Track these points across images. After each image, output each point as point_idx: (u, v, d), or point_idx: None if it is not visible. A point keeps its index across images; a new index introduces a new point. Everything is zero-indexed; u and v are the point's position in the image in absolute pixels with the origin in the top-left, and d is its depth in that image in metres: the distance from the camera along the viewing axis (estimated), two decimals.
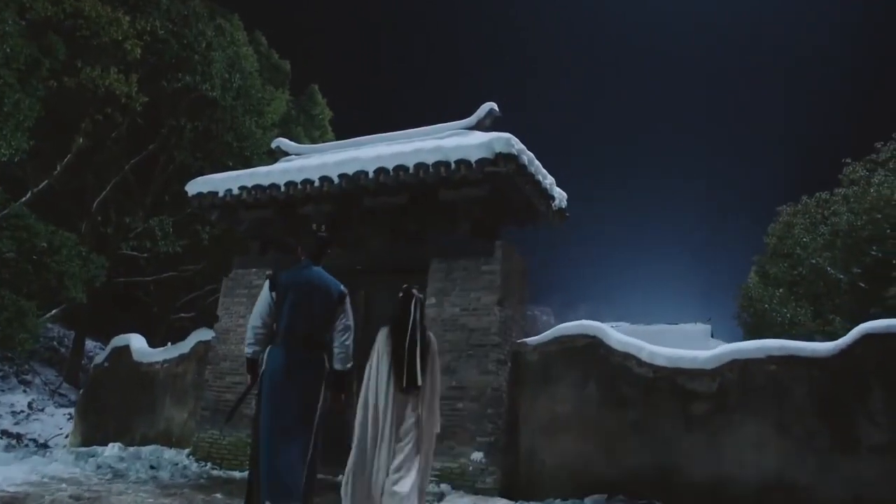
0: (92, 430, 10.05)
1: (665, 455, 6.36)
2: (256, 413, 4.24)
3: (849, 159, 15.94)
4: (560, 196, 8.17)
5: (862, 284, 14.63)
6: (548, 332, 7.25)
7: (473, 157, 6.90)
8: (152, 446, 8.47)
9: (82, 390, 11.24)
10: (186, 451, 8.27)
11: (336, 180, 7.61)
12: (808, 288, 15.69)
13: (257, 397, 4.24)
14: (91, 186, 14.61)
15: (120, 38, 11.69)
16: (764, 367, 6.19)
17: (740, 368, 6.28)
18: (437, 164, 7.08)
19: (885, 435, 5.65)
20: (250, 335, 4.26)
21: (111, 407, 9.93)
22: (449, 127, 8.55)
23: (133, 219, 14.55)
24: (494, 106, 8.44)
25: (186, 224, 14.65)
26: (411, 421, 4.44)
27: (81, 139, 13.06)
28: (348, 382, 4.45)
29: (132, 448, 8.13)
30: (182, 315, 18.46)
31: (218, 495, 5.78)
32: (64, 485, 5.78)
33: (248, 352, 4.28)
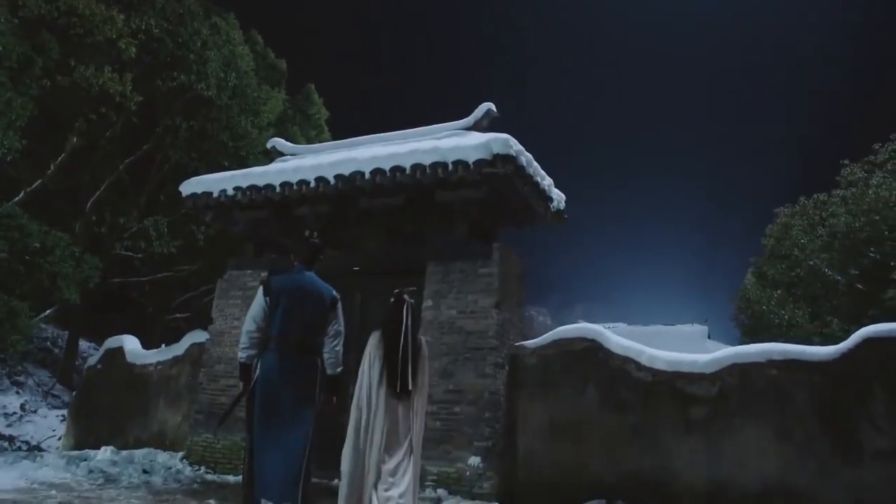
0: (85, 432, 9.95)
1: (664, 460, 6.29)
2: (249, 417, 4.23)
3: (846, 160, 15.92)
4: (558, 197, 8.10)
5: (860, 286, 14.60)
6: (546, 336, 7.16)
7: (471, 158, 6.82)
8: (145, 449, 8.37)
9: (75, 392, 11.14)
10: (180, 454, 8.17)
11: (332, 181, 7.52)
12: (805, 289, 15.65)
13: (250, 402, 4.23)
14: (85, 186, 14.48)
15: (114, 36, 11.60)
16: (764, 372, 6.11)
17: (740, 372, 6.20)
18: (434, 165, 7.00)
19: (887, 440, 5.58)
20: (245, 340, 4.28)
21: (104, 409, 9.82)
22: (446, 127, 8.46)
23: (127, 219, 14.43)
24: (492, 106, 8.36)
25: (181, 224, 14.54)
26: (405, 425, 4.48)
27: (75, 138, 12.95)
28: (340, 384, 4.52)
29: (125, 451, 8.03)
30: (177, 316, 18.37)
31: (211, 501, 5.68)
32: (54, 491, 5.67)
33: (241, 356, 4.28)
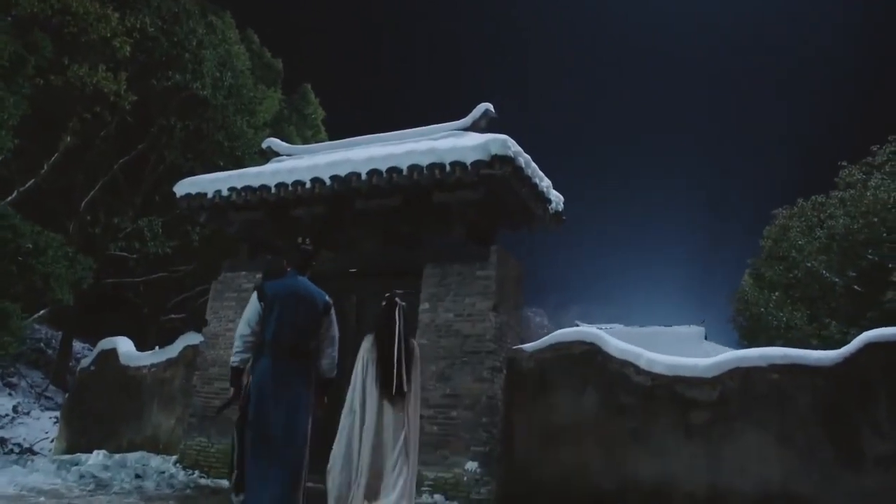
0: (77, 435, 9.83)
1: (664, 465, 6.22)
2: (241, 422, 4.19)
3: (845, 162, 15.89)
4: (557, 199, 8.01)
5: (857, 288, 14.57)
6: (544, 339, 7.08)
7: (469, 158, 6.73)
8: (139, 453, 8.26)
9: (68, 394, 11.03)
10: (174, 458, 8.06)
11: (327, 182, 7.42)
12: (803, 291, 15.62)
13: (244, 408, 4.18)
14: (79, 186, 14.37)
15: (108, 35, 11.48)
16: (766, 376, 6.04)
17: (741, 377, 6.13)
18: (432, 166, 6.90)
19: (890, 446, 5.51)
20: (239, 344, 4.25)
21: (97, 412, 9.71)
22: (443, 128, 8.37)
23: (122, 219, 14.32)
24: (490, 106, 8.27)
25: (177, 224, 14.44)
26: (400, 428, 4.53)
27: (69, 138, 12.84)
28: (333, 386, 4.54)
29: (118, 455, 7.91)
30: (172, 316, 18.27)
31: None
32: (43, 498, 5.55)
33: (234, 360, 4.25)
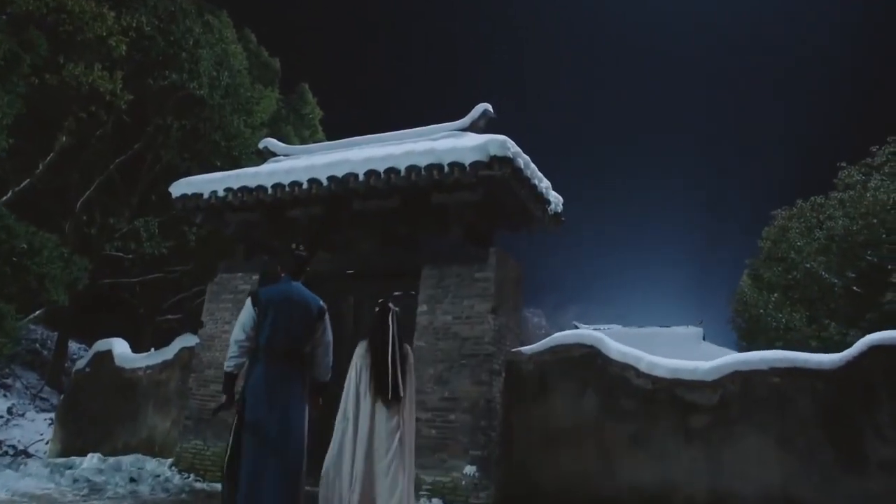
0: (72, 437, 9.76)
1: (664, 469, 6.16)
2: (238, 427, 4.17)
3: (844, 163, 15.84)
4: (556, 200, 7.95)
5: (856, 289, 14.52)
6: (544, 342, 7.02)
7: (467, 159, 6.66)
8: (134, 456, 8.19)
9: (63, 396, 10.94)
10: (169, 461, 7.99)
11: (325, 183, 7.35)
12: (802, 293, 15.57)
13: (240, 413, 4.17)
14: (75, 186, 14.27)
15: (104, 34, 11.39)
16: (767, 379, 5.99)
17: (742, 380, 6.08)
18: (430, 167, 6.84)
19: (892, 450, 5.46)
20: (234, 349, 4.25)
21: (92, 414, 9.64)
22: (442, 128, 8.30)
23: (118, 219, 14.22)
24: (489, 107, 8.20)
25: (173, 225, 14.34)
26: (394, 434, 4.53)
27: (64, 137, 12.74)
28: (327, 388, 4.56)
29: (112, 459, 7.83)
30: (169, 317, 18.17)
31: None
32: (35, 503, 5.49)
33: (229, 365, 4.27)
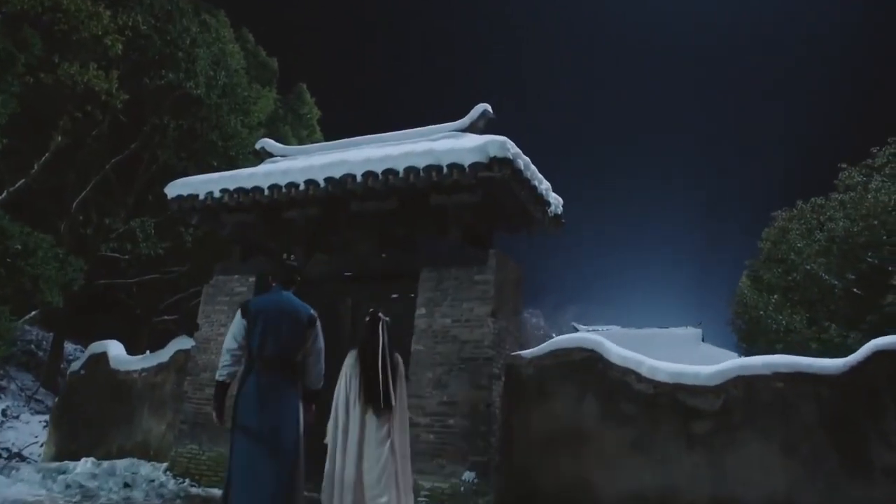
0: (67, 440, 9.66)
1: (666, 475, 6.07)
2: (234, 433, 4.20)
3: (844, 164, 15.76)
4: (556, 202, 7.86)
5: (857, 291, 14.46)
6: (544, 345, 6.93)
7: (466, 161, 6.57)
8: (128, 460, 8.08)
9: (57, 398, 10.83)
10: (164, 465, 7.88)
11: (322, 184, 7.25)
12: (802, 294, 15.49)
13: (234, 420, 4.20)
14: (71, 186, 14.17)
15: (100, 33, 11.29)
16: (770, 384, 5.90)
17: (745, 385, 5.99)
18: (429, 168, 6.74)
19: None
20: (227, 358, 4.28)
21: (87, 417, 9.53)
22: (441, 129, 8.21)
23: (114, 220, 14.12)
24: (488, 107, 8.11)
25: (170, 225, 14.24)
26: (384, 442, 4.57)
27: (60, 137, 12.62)
28: (321, 396, 4.58)
29: (106, 463, 7.73)
30: (166, 317, 18.07)
31: None
32: None
33: (221, 374, 4.29)
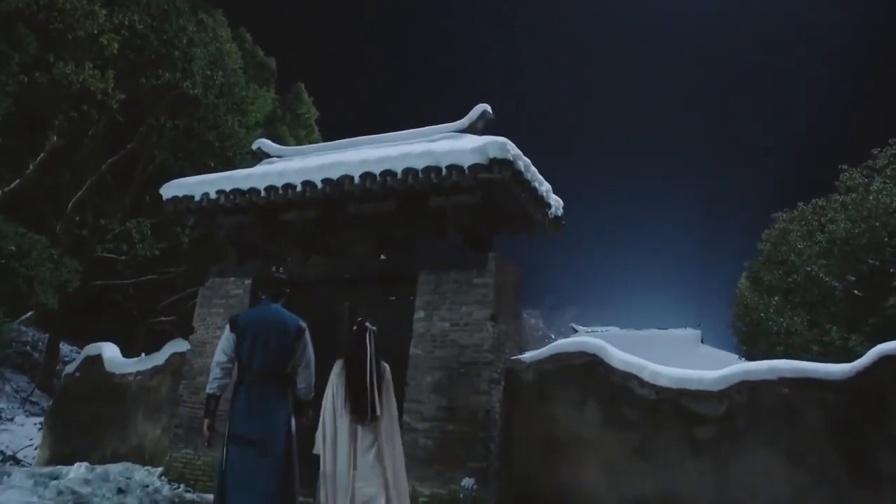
0: (61, 444, 9.54)
1: (668, 482, 5.97)
2: (226, 439, 4.24)
3: (845, 165, 15.67)
4: (556, 203, 7.76)
5: (857, 293, 14.36)
6: (544, 349, 6.83)
7: (466, 162, 6.46)
8: (123, 465, 7.96)
9: (52, 401, 10.72)
10: (159, 470, 7.77)
11: (319, 185, 7.14)
12: (803, 296, 15.39)
13: (227, 430, 4.23)
14: (67, 186, 14.06)
15: (96, 32, 11.21)
16: (775, 390, 5.80)
17: (749, 391, 5.89)
18: (427, 170, 6.64)
19: None
20: (217, 371, 4.36)
21: (82, 420, 9.41)
22: (440, 129, 8.09)
23: (110, 220, 14.01)
24: (488, 108, 8.00)
25: (166, 226, 14.15)
26: (371, 451, 4.60)
27: (55, 137, 12.53)
28: (312, 405, 4.63)
29: (100, 468, 7.60)
30: (163, 318, 17.99)
31: None
32: None
33: (212, 387, 4.36)
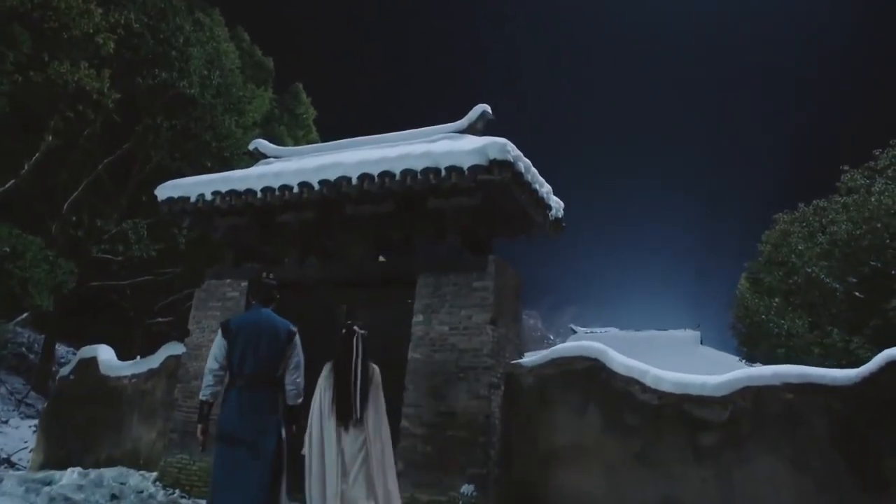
0: (56, 447, 9.43)
1: (671, 489, 5.87)
2: (216, 440, 4.34)
3: (846, 166, 15.57)
4: (557, 205, 7.65)
5: (858, 294, 14.27)
6: (545, 353, 6.73)
7: (465, 163, 6.36)
8: (117, 469, 7.86)
9: (46, 404, 10.62)
10: (153, 476, 7.66)
11: (316, 186, 7.03)
12: (803, 298, 15.30)
13: (217, 432, 4.34)
14: (62, 187, 13.95)
15: (91, 31, 11.12)
16: (779, 396, 5.70)
17: (753, 396, 5.79)
18: (426, 171, 6.53)
19: None
20: (209, 378, 4.40)
21: (76, 423, 9.31)
22: (439, 130, 7.99)
23: (106, 221, 13.90)
24: (487, 108, 7.89)
25: (163, 227, 14.04)
26: (360, 454, 4.60)
27: (51, 137, 12.42)
28: (300, 413, 4.64)
29: (94, 473, 7.48)
30: (160, 319, 17.89)
31: None
32: None
33: (204, 393, 4.39)
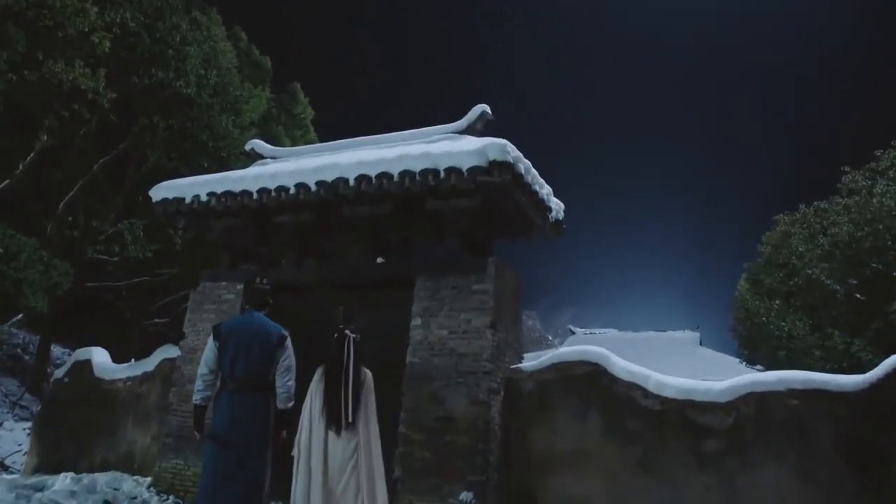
0: (49, 451, 9.32)
1: (673, 496, 5.77)
2: (206, 441, 4.41)
3: (847, 167, 15.49)
4: (557, 207, 7.55)
5: (859, 296, 14.18)
6: (545, 358, 6.62)
7: (465, 164, 6.25)
8: (111, 474, 7.74)
9: (40, 407, 10.50)
10: (148, 481, 7.55)
11: (313, 188, 6.93)
12: (804, 300, 15.21)
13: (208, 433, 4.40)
14: (58, 187, 13.83)
15: (87, 29, 11.02)
16: (784, 402, 5.60)
17: (757, 402, 5.68)
18: (425, 172, 6.42)
19: None
20: (200, 383, 4.42)
21: (70, 427, 9.19)
22: (437, 130, 7.88)
23: (102, 222, 13.79)
24: (487, 108, 7.79)
25: (159, 227, 13.93)
26: (351, 460, 4.59)
27: (46, 137, 12.30)
28: (291, 418, 4.66)
29: (87, 478, 7.37)
30: (157, 320, 17.77)
31: None
32: None
33: (196, 398, 4.39)
